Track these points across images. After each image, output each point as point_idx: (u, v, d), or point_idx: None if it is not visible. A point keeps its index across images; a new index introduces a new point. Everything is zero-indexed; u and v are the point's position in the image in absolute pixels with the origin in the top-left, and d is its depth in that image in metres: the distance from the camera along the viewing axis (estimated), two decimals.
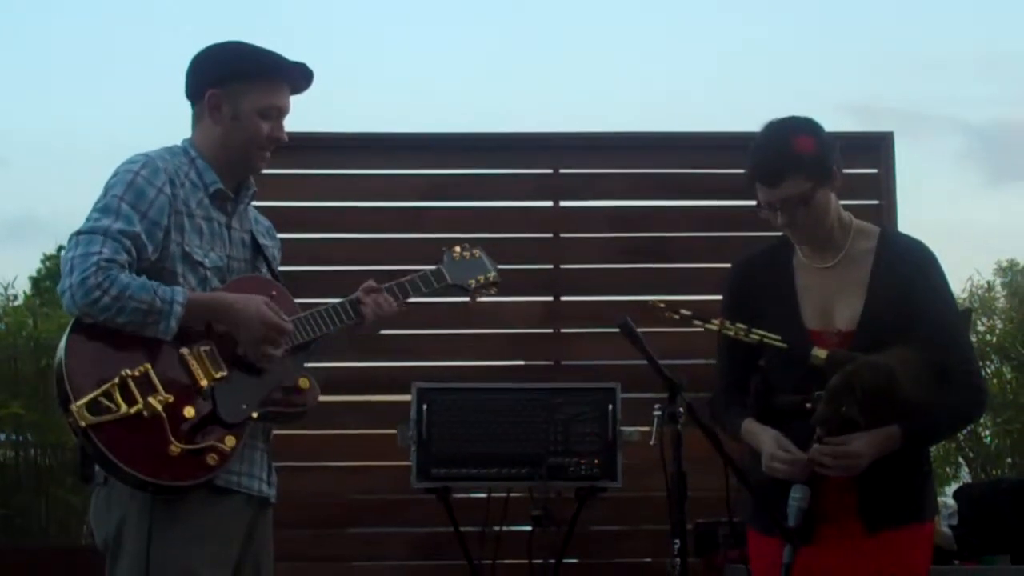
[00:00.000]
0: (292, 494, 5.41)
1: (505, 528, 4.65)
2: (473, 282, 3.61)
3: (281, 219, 5.65)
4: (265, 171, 5.75)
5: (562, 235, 5.85)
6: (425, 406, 4.45)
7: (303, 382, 3.27)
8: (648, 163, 5.89)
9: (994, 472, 8.79)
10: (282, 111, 3.29)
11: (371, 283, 3.40)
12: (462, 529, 4.54)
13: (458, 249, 3.62)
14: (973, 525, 5.37)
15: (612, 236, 5.82)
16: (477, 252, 3.65)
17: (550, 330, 5.80)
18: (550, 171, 5.88)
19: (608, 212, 5.88)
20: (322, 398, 5.54)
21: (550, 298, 5.81)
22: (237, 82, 3.23)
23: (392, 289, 3.43)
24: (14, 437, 7.38)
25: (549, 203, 5.88)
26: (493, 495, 4.64)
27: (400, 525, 5.59)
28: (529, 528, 4.51)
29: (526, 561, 4.62)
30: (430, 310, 5.58)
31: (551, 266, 5.83)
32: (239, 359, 3.14)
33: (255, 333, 3.12)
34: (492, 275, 3.65)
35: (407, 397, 4.52)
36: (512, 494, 4.59)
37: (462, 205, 5.88)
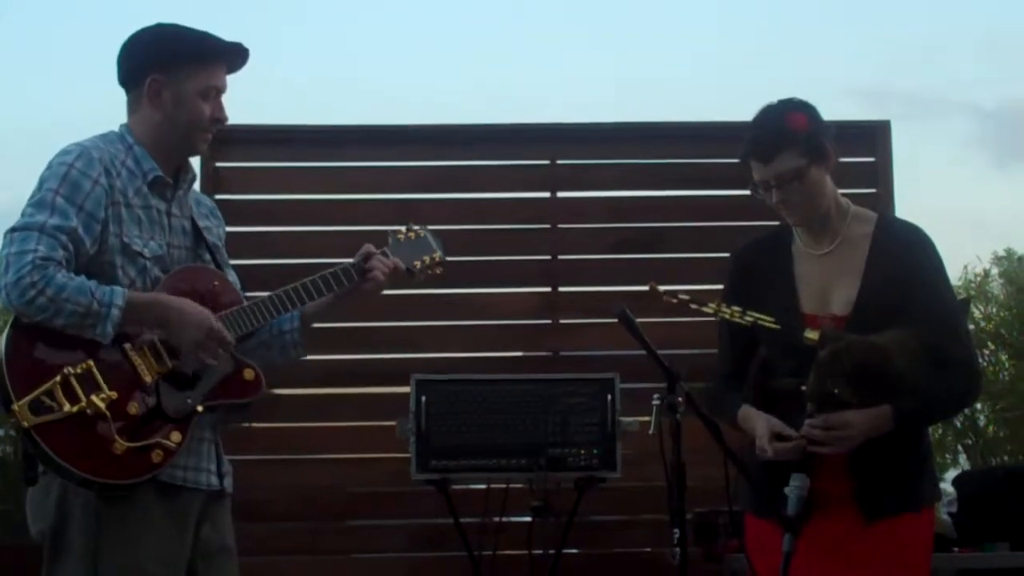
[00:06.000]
0: (291, 487, 5.46)
1: (505, 519, 4.65)
2: (418, 263, 3.51)
3: (275, 212, 5.72)
4: (258, 164, 5.85)
5: (559, 226, 5.84)
6: (424, 398, 4.45)
7: (248, 373, 3.21)
8: (645, 153, 5.88)
9: (993, 459, 8.79)
10: (221, 91, 3.25)
11: (370, 247, 3.38)
12: (462, 520, 4.55)
13: (403, 230, 3.54)
14: (972, 512, 5.37)
15: (609, 226, 5.81)
16: (422, 232, 3.56)
17: (548, 321, 5.79)
18: (547, 162, 5.87)
19: (605, 202, 5.87)
20: (320, 391, 5.58)
21: (547, 289, 5.80)
22: (177, 65, 3.18)
23: (336, 275, 3.35)
24: (12, 433, 7.37)
25: (546, 194, 5.87)
26: (493, 486, 4.64)
27: (400, 517, 5.59)
28: (529, 519, 4.51)
29: (526, 552, 4.62)
30: (427, 302, 5.58)
31: (548, 257, 5.82)
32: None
33: (193, 337, 3.06)
34: (438, 255, 3.54)
35: (406, 389, 4.52)
36: (512, 485, 4.59)
37: (459, 196, 5.86)
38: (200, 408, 3.11)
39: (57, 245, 2.95)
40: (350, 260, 3.39)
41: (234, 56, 3.28)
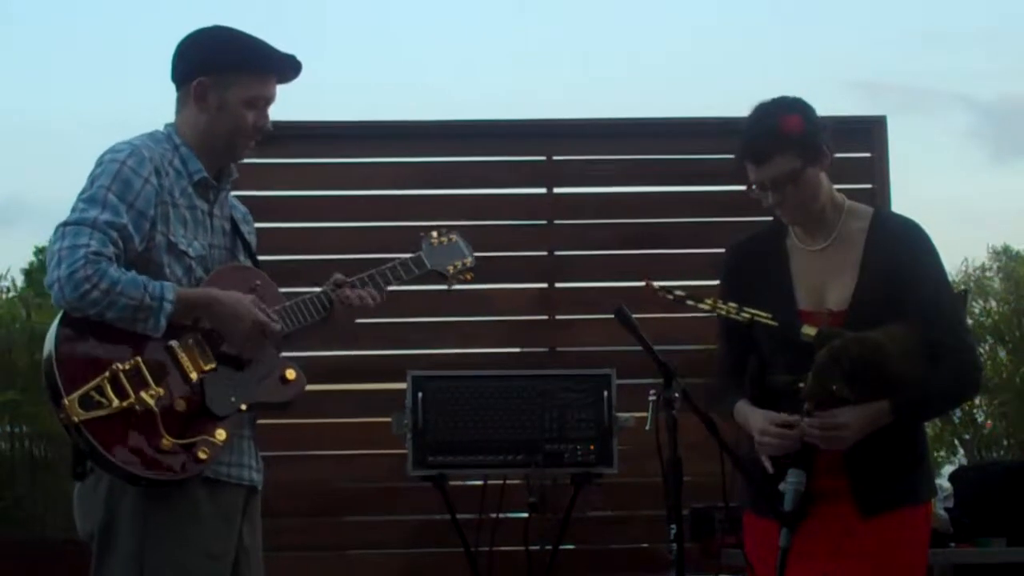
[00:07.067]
0: (288, 483, 5.46)
1: (502, 515, 4.65)
2: (451, 268, 3.59)
3: (274, 208, 5.72)
4: (257, 160, 5.83)
5: (556, 222, 5.85)
6: (420, 394, 4.45)
7: (290, 373, 3.25)
8: (642, 149, 5.88)
9: (992, 454, 8.81)
10: (268, 101, 3.26)
11: (339, 276, 3.37)
12: (459, 516, 4.55)
13: (435, 235, 3.61)
14: (969, 508, 5.38)
15: (606, 223, 5.82)
16: (454, 237, 3.63)
17: (544, 317, 5.80)
18: (543, 158, 5.87)
19: (602, 198, 5.87)
20: (317, 387, 5.56)
21: (544, 285, 5.81)
22: (225, 71, 3.20)
23: (373, 277, 3.40)
24: (9, 428, 7.40)
25: (543, 190, 5.88)
26: (489, 482, 4.64)
27: (397, 513, 5.60)
28: (526, 515, 4.52)
29: (523, 548, 4.63)
30: (424, 298, 5.58)
31: (545, 253, 5.83)
32: (227, 351, 3.13)
33: (243, 330, 3.11)
34: (469, 260, 3.63)
35: (402, 385, 4.52)
36: (508, 481, 4.60)
37: (456, 193, 5.87)
38: (244, 407, 3.14)
39: (108, 241, 2.97)
40: (319, 289, 3.37)
41: (286, 68, 3.29)
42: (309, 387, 3.36)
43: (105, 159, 3.10)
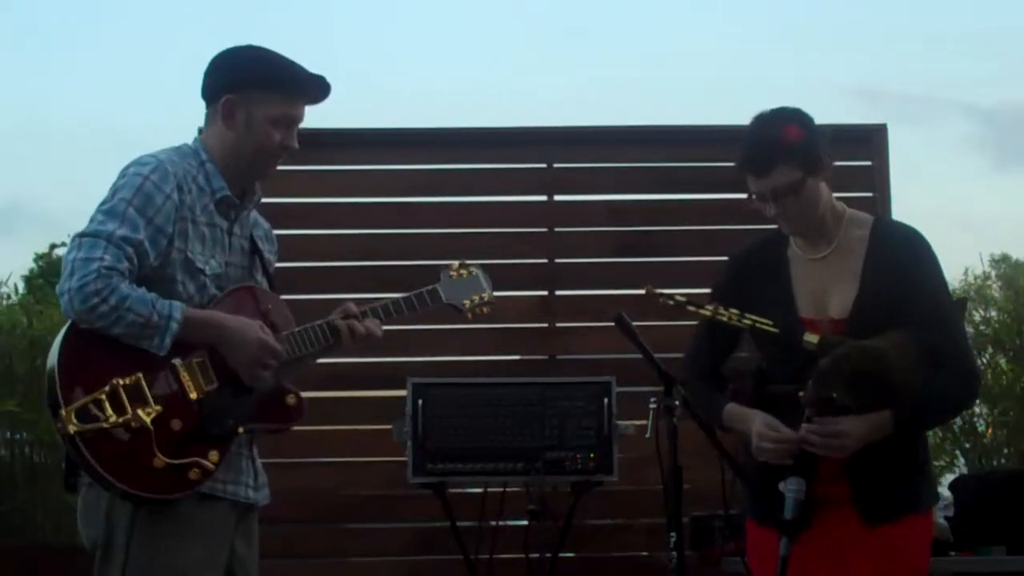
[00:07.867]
0: (288, 490, 5.42)
1: (502, 523, 4.65)
2: (468, 302, 3.58)
3: (276, 215, 5.69)
4: None
5: (556, 229, 5.85)
6: (420, 401, 4.45)
7: (290, 399, 3.25)
8: (642, 157, 5.89)
9: (993, 463, 8.79)
10: (295, 121, 3.26)
11: (349, 306, 3.35)
12: (458, 524, 4.55)
13: (456, 266, 3.60)
14: (969, 516, 5.37)
15: (606, 230, 5.82)
16: (474, 270, 3.62)
17: (545, 324, 5.80)
18: (544, 165, 5.87)
19: (602, 206, 5.88)
20: (317, 394, 5.58)
21: (545, 292, 5.81)
22: (253, 90, 3.20)
23: (387, 308, 3.39)
24: (8, 435, 7.38)
25: (543, 197, 5.88)
26: (489, 490, 4.64)
27: (396, 520, 5.59)
28: (525, 522, 4.52)
29: (523, 555, 4.63)
30: None
31: (545, 260, 5.83)
32: (230, 373, 3.12)
33: (248, 355, 3.11)
34: (487, 294, 3.62)
35: (402, 392, 4.52)
36: (508, 489, 4.59)
37: (456, 200, 5.87)
38: (241, 430, 3.14)
39: (123, 256, 2.98)
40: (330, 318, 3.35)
41: (315, 89, 3.30)
42: (309, 394, 3.36)
43: (129, 171, 3.10)
